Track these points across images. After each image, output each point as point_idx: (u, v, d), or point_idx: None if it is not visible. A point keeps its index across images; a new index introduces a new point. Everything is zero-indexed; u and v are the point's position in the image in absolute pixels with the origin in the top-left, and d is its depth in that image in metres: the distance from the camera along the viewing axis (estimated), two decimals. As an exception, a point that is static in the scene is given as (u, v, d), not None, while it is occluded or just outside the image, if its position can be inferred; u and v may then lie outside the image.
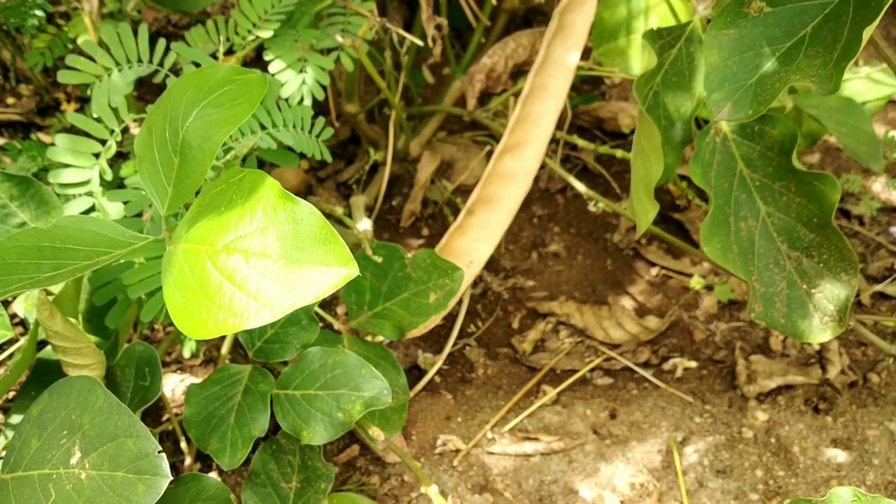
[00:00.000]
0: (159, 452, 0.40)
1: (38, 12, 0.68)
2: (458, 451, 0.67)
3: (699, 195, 0.80)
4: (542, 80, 0.72)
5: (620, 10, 0.71)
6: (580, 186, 0.74)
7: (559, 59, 0.72)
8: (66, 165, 0.56)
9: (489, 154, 0.85)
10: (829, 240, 0.52)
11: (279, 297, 0.32)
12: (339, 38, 0.63)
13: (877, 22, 0.39)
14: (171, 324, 0.75)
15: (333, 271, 0.31)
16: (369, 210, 0.83)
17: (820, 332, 0.52)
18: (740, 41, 0.45)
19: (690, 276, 0.80)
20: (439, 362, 0.74)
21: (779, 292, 0.53)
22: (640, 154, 0.53)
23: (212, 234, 0.34)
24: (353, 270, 0.31)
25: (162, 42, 0.60)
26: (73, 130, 0.57)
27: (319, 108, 0.73)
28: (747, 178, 0.53)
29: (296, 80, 0.61)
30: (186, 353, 0.72)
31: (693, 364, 0.74)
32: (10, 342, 0.59)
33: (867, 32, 0.39)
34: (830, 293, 0.52)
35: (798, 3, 0.44)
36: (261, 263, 0.33)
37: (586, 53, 0.81)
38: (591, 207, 0.73)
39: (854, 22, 0.41)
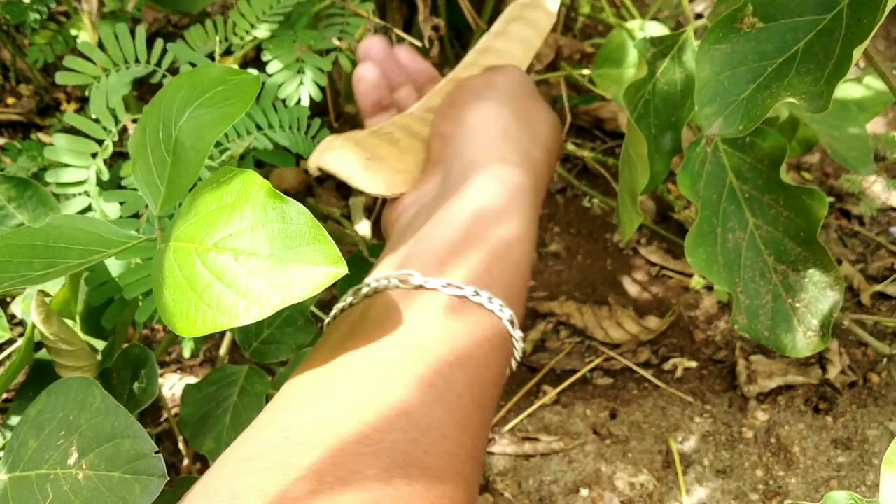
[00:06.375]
0: (156, 453, 0.40)
1: (41, 6, 0.68)
2: (456, 451, 0.67)
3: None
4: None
5: (626, 39, 0.71)
6: (575, 182, 0.74)
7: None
8: (65, 165, 0.56)
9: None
10: (815, 255, 0.51)
11: (268, 295, 0.32)
12: (336, 42, 0.63)
13: (867, 42, 0.39)
14: (171, 324, 0.75)
15: (322, 270, 0.31)
16: (368, 211, 0.83)
17: (803, 346, 0.51)
18: (732, 56, 0.44)
19: (690, 276, 0.80)
20: (438, 363, 0.73)
21: (763, 305, 0.52)
22: (628, 162, 0.52)
23: (201, 233, 0.34)
24: (341, 269, 0.31)
25: (159, 42, 0.60)
26: (71, 131, 0.57)
27: (319, 108, 0.73)
28: (737, 190, 0.53)
29: (293, 81, 0.61)
30: (186, 354, 0.72)
31: (693, 364, 0.74)
32: (9, 343, 0.59)
33: (857, 52, 0.39)
34: (815, 308, 0.51)
35: (790, 20, 0.43)
36: (250, 262, 0.33)
37: (588, 58, 0.80)
38: (586, 202, 0.73)
39: (846, 39, 0.40)
